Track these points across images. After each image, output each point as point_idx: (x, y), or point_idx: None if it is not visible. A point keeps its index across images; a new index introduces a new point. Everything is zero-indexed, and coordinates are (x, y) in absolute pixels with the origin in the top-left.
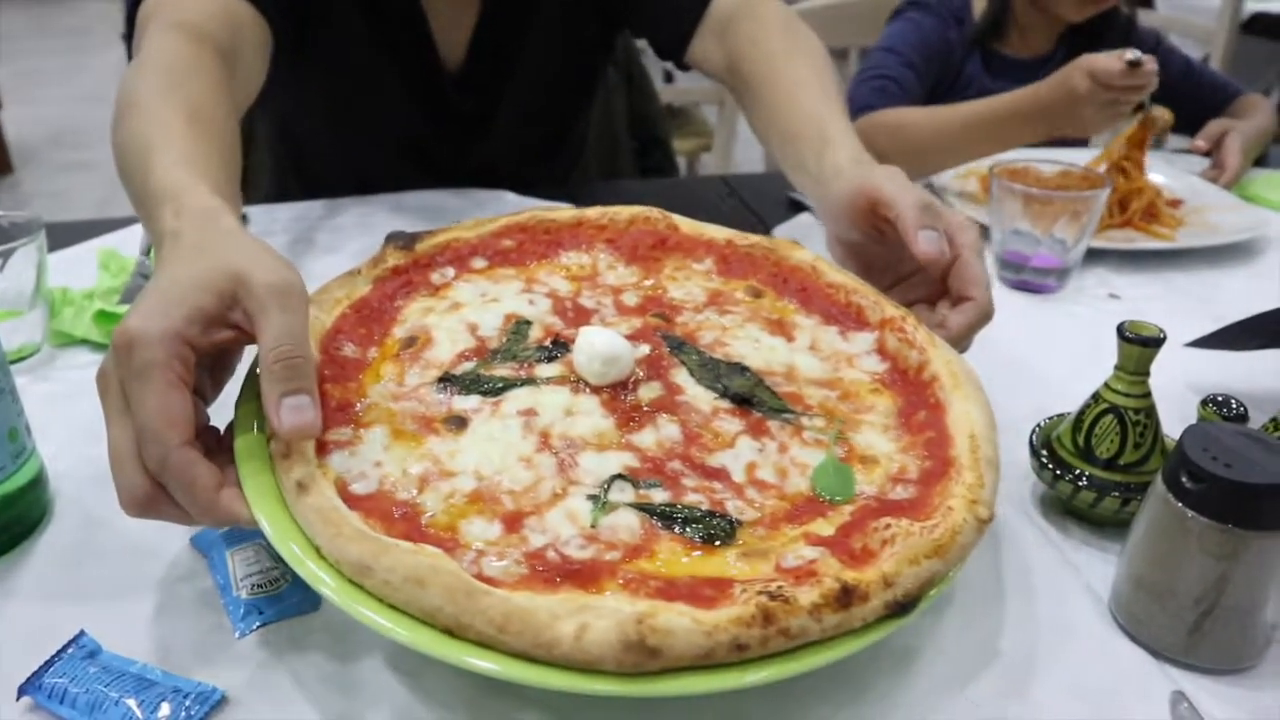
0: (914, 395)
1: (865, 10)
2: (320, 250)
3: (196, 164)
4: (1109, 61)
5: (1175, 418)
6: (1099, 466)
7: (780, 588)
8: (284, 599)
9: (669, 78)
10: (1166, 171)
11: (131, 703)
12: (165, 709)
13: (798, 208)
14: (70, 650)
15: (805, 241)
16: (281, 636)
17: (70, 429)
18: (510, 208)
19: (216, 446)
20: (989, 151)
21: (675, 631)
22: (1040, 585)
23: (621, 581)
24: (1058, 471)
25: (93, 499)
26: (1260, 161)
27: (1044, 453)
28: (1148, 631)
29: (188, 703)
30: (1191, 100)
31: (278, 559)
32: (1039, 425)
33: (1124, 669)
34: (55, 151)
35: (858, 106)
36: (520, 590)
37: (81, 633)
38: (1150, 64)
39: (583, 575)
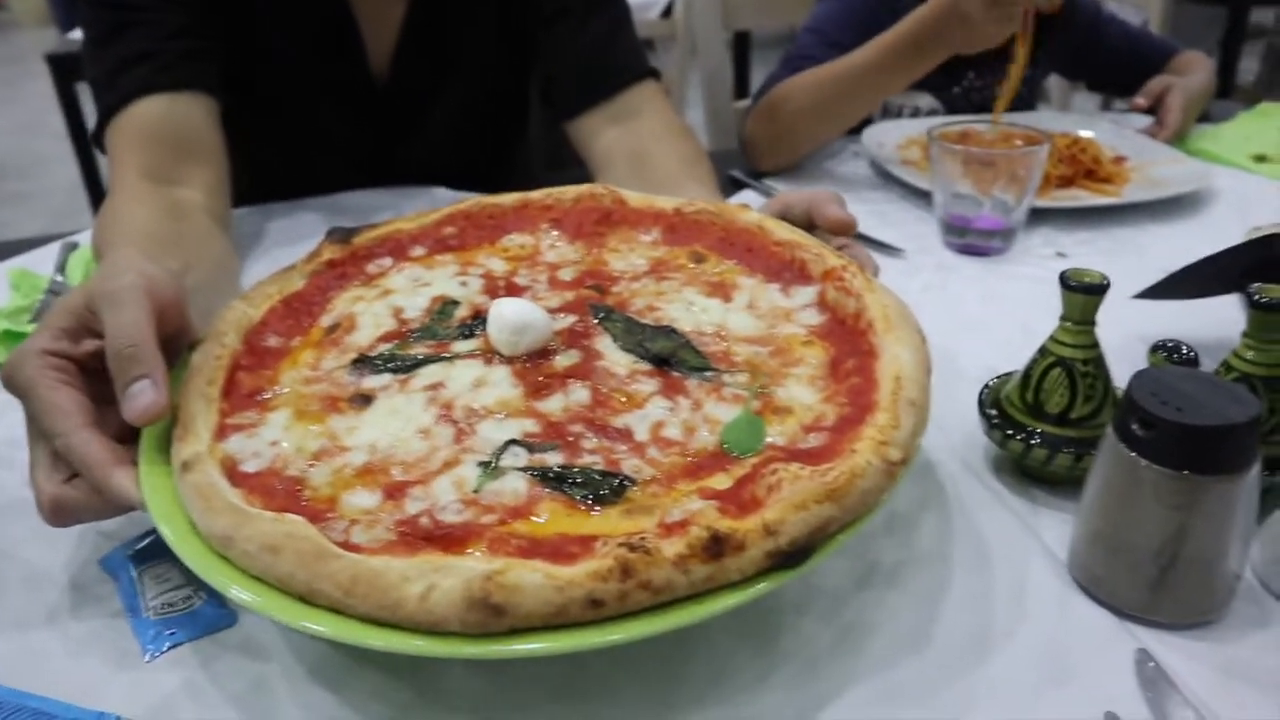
0: (848, 344)
1: None
2: (249, 258)
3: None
4: None
5: (1128, 372)
6: (1050, 422)
7: (644, 539)
8: (197, 616)
9: None
10: (1110, 129)
11: None
12: None
13: (738, 185)
14: None
15: None
16: (194, 656)
17: None
18: (444, 203)
19: (133, 440)
20: (888, 93)
21: (523, 588)
22: (996, 549)
23: (486, 543)
24: (1008, 430)
25: None
26: (1202, 118)
27: (993, 412)
28: (1108, 589)
29: None
30: (1132, 63)
31: (189, 573)
32: (988, 385)
33: (1086, 630)
34: None
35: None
36: (381, 555)
37: None
38: None
39: (449, 539)
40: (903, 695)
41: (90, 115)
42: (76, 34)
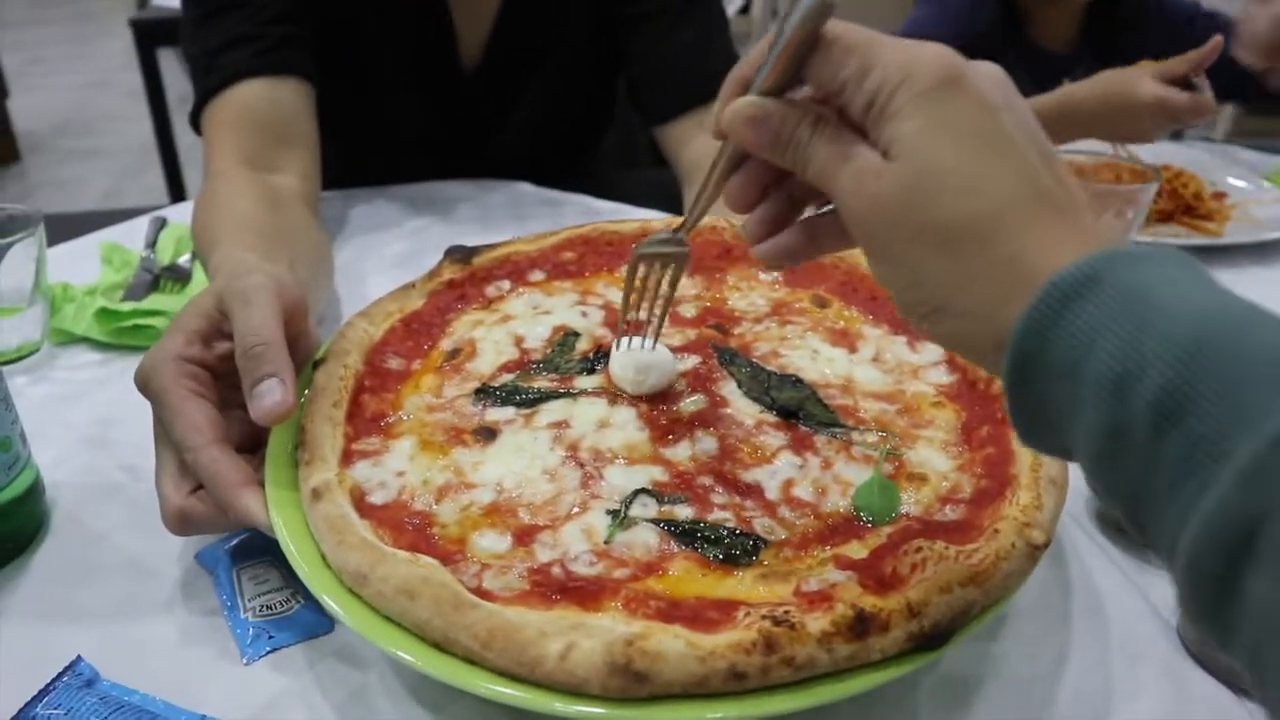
0: (981, 409)
1: None
2: (333, 244)
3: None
4: (1180, 100)
5: None
6: None
7: (788, 613)
8: (295, 621)
9: None
10: (1210, 164)
11: None
12: None
13: None
14: (65, 678)
15: None
16: (293, 662)
17: (70, 434)
18: (526, 198)
19: (256, 449)
20: None
21: (666, 656)
22: (1105, 608)
23: (623, 600)
24: None
25: (92, 511)
26: None
27: None
28: (1223, 661)
29: None
30: (1235, 69)
31: (288, 576)
32: None
33: (1198, 703)
34: (62, 139)
35: None
36: (515, 606)
37: (78, 659)
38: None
39: (583, 593)
40: None
41: (170, 80)
42: (159, 1)
